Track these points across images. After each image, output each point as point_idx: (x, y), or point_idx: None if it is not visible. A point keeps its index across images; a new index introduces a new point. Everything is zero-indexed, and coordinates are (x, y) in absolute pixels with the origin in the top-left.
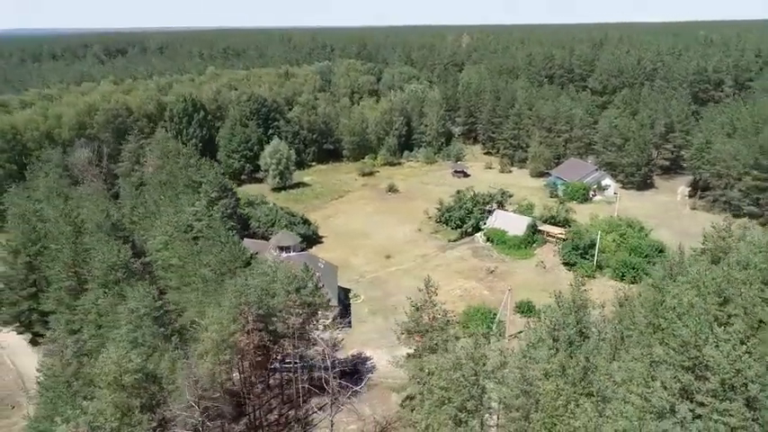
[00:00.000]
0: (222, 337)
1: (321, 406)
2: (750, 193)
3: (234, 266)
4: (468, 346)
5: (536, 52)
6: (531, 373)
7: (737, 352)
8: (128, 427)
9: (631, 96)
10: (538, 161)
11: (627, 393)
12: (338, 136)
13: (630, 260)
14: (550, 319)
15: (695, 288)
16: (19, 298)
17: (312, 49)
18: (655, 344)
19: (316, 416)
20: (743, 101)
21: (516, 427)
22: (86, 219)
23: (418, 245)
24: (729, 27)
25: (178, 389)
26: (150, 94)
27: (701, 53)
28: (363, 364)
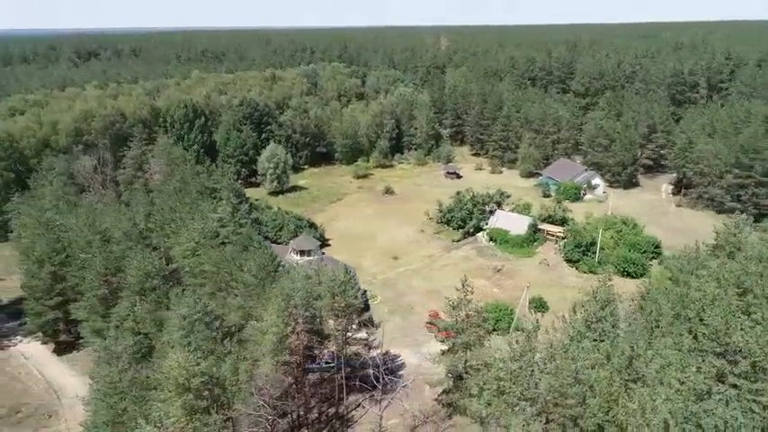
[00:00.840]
0: (280, 339)
1: (359, 403)
2: (732, 190)
3: (272, 271)
4: (522, 340)
5: (518, 55)
6: (580, 363)
7: (766, 337)
8: (199, 427)
9: (615, 98)
10: (528, 162)
11: (666, 378)
12: (330, 139)
13: (631, 256)
14: (587, 313)
15: (716, 281)
16: (44, 308)
17: (294, 51)
18: (684, 332)
19: (355, 413)
20: (720, 103)
21: (573, 412)
22: (111, 227)
23: (423, 245)
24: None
25: (240, 390)
26: (143, 100)
27: (675, 56)
28: (393, 362)
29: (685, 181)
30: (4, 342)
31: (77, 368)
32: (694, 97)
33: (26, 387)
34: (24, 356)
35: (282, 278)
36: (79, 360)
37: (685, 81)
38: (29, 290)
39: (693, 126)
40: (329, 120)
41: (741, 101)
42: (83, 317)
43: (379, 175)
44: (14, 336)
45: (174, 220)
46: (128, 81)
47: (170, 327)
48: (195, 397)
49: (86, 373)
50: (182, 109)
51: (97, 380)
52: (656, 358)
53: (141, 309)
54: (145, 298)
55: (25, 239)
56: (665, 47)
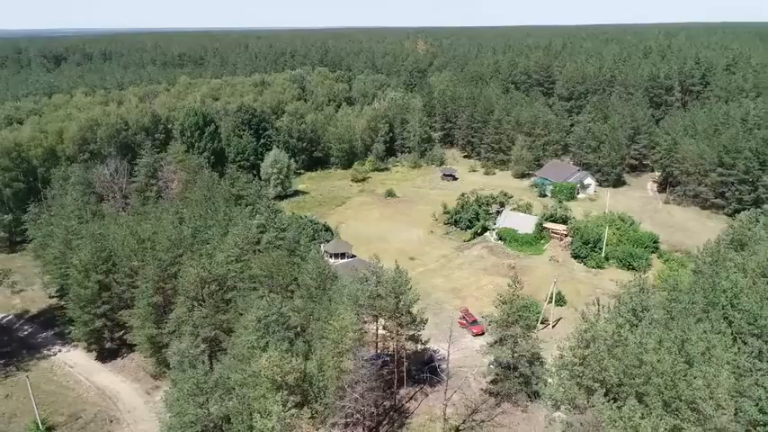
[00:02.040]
0: (357, 337)
1: (412, 395)
2: (716, 188)
3: (330, 273)
4: (587, 329)
5: (501, 60)
6: (640, 348)
7: None
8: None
9: (601, 102)
10: (521, 163)
11: (712, 359)
12: (326, 144)
13: (634, 251)
14: (633, 302)
15: (742, 271)
16: (91, 316)
17: (276, 56)
18: (720, 318)
19: (410, 404)
20: (700, 106)
21: (641, 390)
22: (155, 235)
23: (435, 246)
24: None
25: (326, 385)
26: (143, 107)
27: (648, 61)
28: (436, 355)
29: (671, 179)
30: (44, 352)
31: (125, 374)
32: (670, 100)
33: (78, 395)
34: (68, 365)
35: (342, 280)
36: (125, 367)
37: (662, 85)
38: (75, 298)
39: (677, 127)
40: (324, 125)
41: (719, 104)
42: (137, 324)
43: (376, 178)
44: (52, 345)
45: (211, 226)
46: (115, 87)
47: (241, 329)
48: (290, 393)
49: (136, 379)
50: (192, 117)
51: (181, 382)
52: (699, 342)
53: (200, 313)
54: (203, 303)
55: (54, 249)
56: (635, 51)
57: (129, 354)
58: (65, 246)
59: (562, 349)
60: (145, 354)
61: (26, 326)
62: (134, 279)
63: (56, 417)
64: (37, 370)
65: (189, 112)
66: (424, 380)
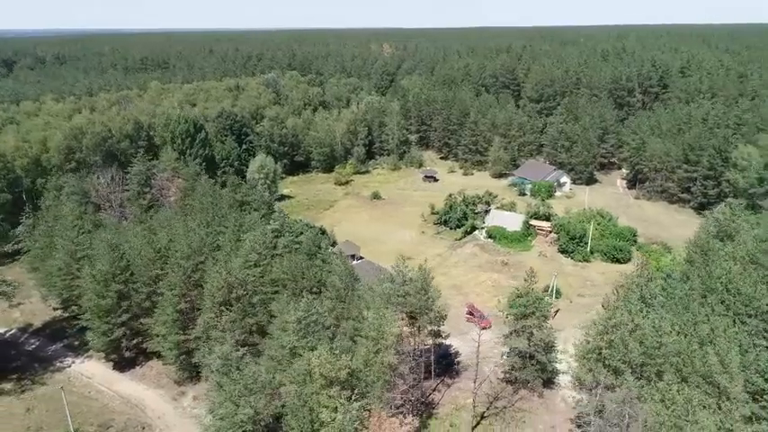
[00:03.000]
0: (397, 333)
1: (434, 387)
2: (682, 183)
3: (354, 276)
4: (610, 316)
5: (471, 63)
6: (658, 332)
7: None
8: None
9: (571, 104)
10: (498, 164)
11: (716, 338)
12: (306, 148)
13: (618, 244)
14: (643, 291)
15: (732, 259)
16: (111, 326)
17: (245, 59)
18: (717, 302)
19: (435, 395)
20: (663, 107)
21: (661, 368)
22: (171, 243)
23: (429, 246)
24: (603, 32)
25: (373, 379)
26: (126, 115)
27: (611, 64)
28: (450, 349)
29: (640, 176)
30: (57, 364)
31: (147, 382)
32: (632, 101)
33: (103, 404)
34: (85, 376)
35: (369, 281)
36: (145, 375)
37: (624, 87)
38: (95, 309)
39: (643, 127)
40: (303, 129)
41: (680, 105)
42: (163, 331)
43: (358, 181)
44: (64, 357)
45: (221, 233)
46: (84, 93)
47: (278, 331)
48: (342, 388)
49: (159, 386)
50: (183, 124)
51: (227, 385)
52: (703, 324)
53: (228, 318)
54: (230, 308)
55: (58, 261)
56: (592, 54)
57: (148, 362)
58: (70, 257)
59: (588, 336)
60: (169, 360)
61: (32, 339)
62: (154, 287)
63: (86, 427)
64: (53, 382)
65: (178, 119)
66: (444, 372)
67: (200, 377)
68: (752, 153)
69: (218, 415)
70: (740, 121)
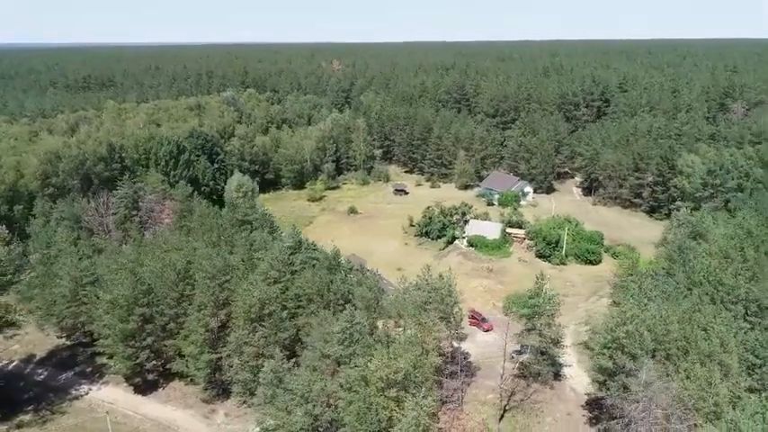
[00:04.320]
0: (438, 336)
1: (456, 387)
2: (634, 189)
3: (379, 286)
4: (625, 310)
5: (426, 80)
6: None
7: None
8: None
9: (528, 118)
10: (464, 176)
11: (708, 324)
12: (275, 165)
13: (590, 247)
14: (645, 286)
15: (709, 255)
16: (135, 350)
17: (197, 77)
18: (703, 294)
19: (456, 393)
20: (611, 120)
21: (670, 352)
22: (189, 266)
23: (415, 256)
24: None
25: (422, 381)
26: (98, 137)
27: (552, 79)
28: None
29: (595, 183)
30: (73, 392)
31: (174, 403)
32: (579, 115)
33: (134, 427)
34: (107, 402)
35: (398, 290)
36: (169, 396)
37: (571, 101)
38: (119, 334)
39: (595, 139)
40: (272, 147)
41: (626, 118)
42: (194, 351)
43: (331, 196)
44: (78, 385)
45: (232, 252)
46: (38, 115)
47: (319, 342)
48: (399, 389)
49: (188, 406)
50: (167, 145)
51: (279, 396)
52: (697, 312)
53: (261, 333)
54: (263, 323)
55: (63, 288)
56: (533, 70)
57: (170, 383)
58: (75, 284)
59: (605, 328)
60: (198, 380)
61: (39, 370)
62: (177, 309)
63: None
64: (74, 411)
65: (161, 140)
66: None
67: (229, 394)
68: (695, 161)
69: (270, 426)
70: (680, 132)
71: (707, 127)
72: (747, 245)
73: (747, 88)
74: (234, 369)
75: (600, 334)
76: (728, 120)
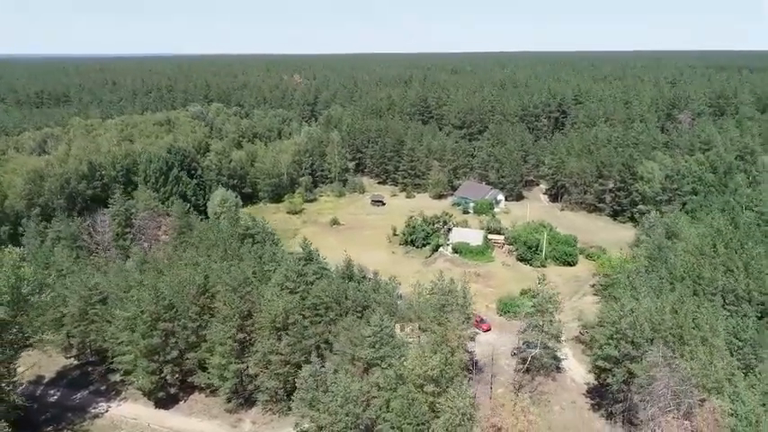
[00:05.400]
0: (462, 335)
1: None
2: (598, 195)
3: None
4: (626, 304)
5: (392, 93)
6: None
7: (742, 279)
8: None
9: (496, 129)
10: (438, 186)
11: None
12: (252, 179)
13: (567, 250)
14: (629, 280)
15: (687, 253)
16: (159, 364)
17: (157, 91)
18: (685, 287)
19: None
20: (574, 131)
21: (667, 339)
22: (206, 280)
23: (405, 264)
24: (480, 59)
25: (452, 377)
26: (77, 155)
27: (512, 92)
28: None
29: (562, 190)
30: (92, 411)
31: (198, 415)
32: (540, 126)
33: None
34: (130, 418)
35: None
36: (192, 408)
37: (532, 113)
38: (144, 349)
39: (560, 148)
40: (248, 161)
41: (587, 129)
42: (222, 363)
43: (309, 209)
44: (96, 403)
45: (242, 265)
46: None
47: (350, 346)
48: (434, 385)
49: (212, 416)
50: (156, 162)
51: (319, 398)
52: (683, 303)
53: (287, 341)
54: (288, 332)
55: (73, 307)
56: (488, 82)
57: (190, 395)
58: (84, 303)
59: (612, 322)
60: (224, 390)
61: (50, 391)
62: (200, 322)
63: None
64: (97, 429)
65: (150, 157)
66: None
67: (252, 403)
68: (653, 167)
69: (312, 428)
70: (637, 141)
71: (660, 136)
72: (719, 242)
73: (691, 100)
74: (261, 378)
75: (596, 328)
76: (677, 129)
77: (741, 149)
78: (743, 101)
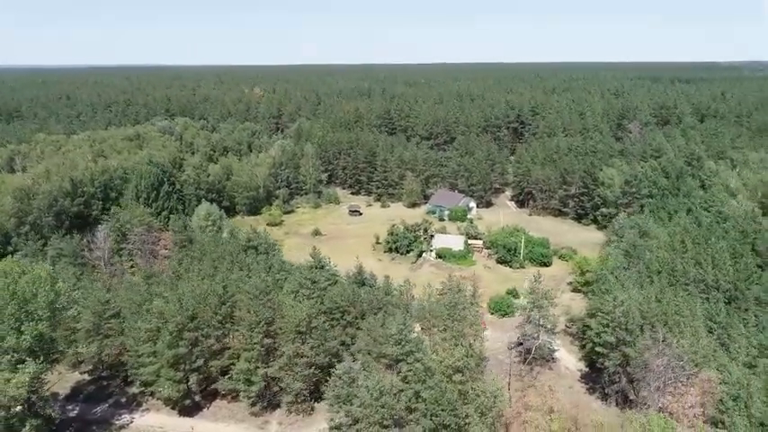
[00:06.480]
0: (477, 330)
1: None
2: (563, 200)
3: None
4: (617, 296)
5: (359, 106)
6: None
7: (710, 270)
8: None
9: (465, 140)
10: (412, 195)
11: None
12: (229, 193)
13: (543, 251)
14: (615, 272)
15: (660, 249)
16: (185, 373)
17: (120, 107)
18: (662, 279)
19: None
20: (536, 140)
21: (654, 325)
22: (225, 289)
23: (393, 269)
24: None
25: (474, 366)
26: (58, 171)
27: (470, 104)
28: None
29: (528, 197)
30: (116, 422)
31: (224, 420)
32: (502, 136)
33: None
34: (157, 426)
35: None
36: (216, 414)
37: (494, 124)
38: (171, 359)
39: (526, 157)
40: (224, 175)
41: (548, 138)
42: (251, 367)
43: (288, 220)
44: (119, 415)
45: (251, 275)
46: None
47: (376, 345)
48: (461, 375)
49: (239, 421)
50: (147, 178)
51: (353, 392)
52: (664, 293)
53: (311, 343)
54: (311, 335)
55: (87, 322)
56: (446, 95)
57: (213, 402)
58: (98, 318)
59: (607, 312)
60: (250, 394)
61: (69, 406)
62: (223, 330)
63: None
64: None
65: (141, 172)
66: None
67: (276, 406)
68: (613, 173)
69: (347, 422)
70: (595, 149)
71: (616, 144)
72: (687, 239)
73: (638, 110)
74: (286, 380)
75: (586, 319)
76: (629, 138)
77: (688, 156)
78: (683, 111)
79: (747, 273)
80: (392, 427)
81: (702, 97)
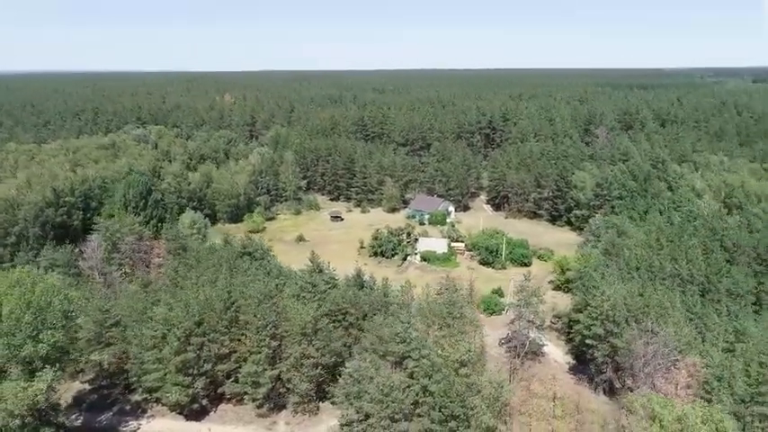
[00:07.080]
0: (477, 327)
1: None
2: (537, 203)
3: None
4: (605, 291)
5: (335, 114)
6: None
7: (685, 265)
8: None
9: (441, 146)
10: (391, 201)
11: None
12: (210, 201)
13: (523, 252)
14: (599, 270)
15: (639, 247)
16: (193, 378)
17: (88, 115)
18: (641, 275)
19: None
20: (508, 145)
21: (638, 317)
22: (230, 295)
23: (380, 273)
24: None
25: (475, 361)
26: (39, 181)
27: (449, 111)
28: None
29: (504, 200)
30: (123, 430)
31: (231, 423)
32: (475, 142)
33: None
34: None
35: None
36: (222, 417)
37: (467, 130)
38: (179, 365)
39: (501, 162)
40: (204, 183)
41: (522, 144)
42: (258, 370)
43: (270, 227)
44: (125, 423)
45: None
46: None
47: (382, 344)
48: (466, 368)
49: (246, 423)
50: (135, 187)
51: (364, 389)
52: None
53: (318, 344)
54: (317, 337)
55: (87, 332)
56: (417, 102)
57: (218, 405)
58: (99, 327)
59: (595, 305)
60: (258, 396)
61: (73, 415)
62: (230, 334)
63: None
64: None
65: (129, 181)
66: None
67: (282, 407)
68: (585, 176)
69: (358, 418)
70: (566, 154)
71: (586, 149)
72: (662, 237)
73: (604, 116)
74: (293, 381)
75: (573, 314)
76: (596, 142)
77: (654, 159)
78: (646, 117)
79: (718, 267)
80: (402, 421)
81: (661, 103)
